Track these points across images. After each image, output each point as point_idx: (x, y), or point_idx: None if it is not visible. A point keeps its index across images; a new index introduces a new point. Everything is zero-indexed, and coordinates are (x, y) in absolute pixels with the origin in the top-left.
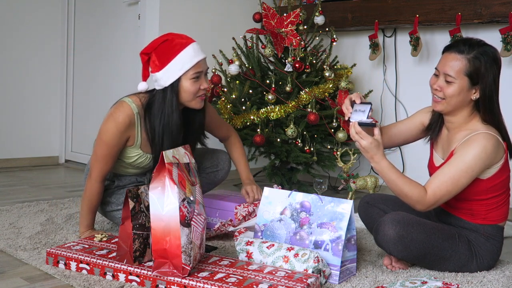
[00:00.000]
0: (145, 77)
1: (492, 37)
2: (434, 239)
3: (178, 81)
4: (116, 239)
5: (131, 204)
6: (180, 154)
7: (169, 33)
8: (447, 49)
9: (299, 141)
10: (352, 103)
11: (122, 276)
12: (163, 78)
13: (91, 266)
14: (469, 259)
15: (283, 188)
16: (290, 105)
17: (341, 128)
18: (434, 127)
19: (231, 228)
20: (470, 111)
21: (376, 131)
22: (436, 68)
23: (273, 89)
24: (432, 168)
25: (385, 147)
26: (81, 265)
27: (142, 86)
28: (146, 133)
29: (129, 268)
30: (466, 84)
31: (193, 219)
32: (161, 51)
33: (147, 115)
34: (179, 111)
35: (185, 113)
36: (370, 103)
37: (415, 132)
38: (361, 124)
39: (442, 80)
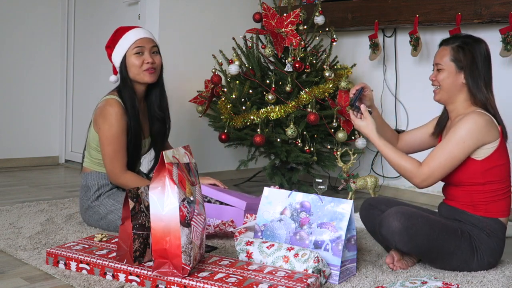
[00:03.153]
0: (115, 70)
1: (492, 37)
2: (438, 233)
3: (124, 58)
4: (116, 239)
5: (131, 204)
6: (180, 154)
7: (119, 27)
8: (440, 45)
9: (299, 141)
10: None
11: (122, 276)
12: (115, 60)
13: (91, 266)
14: (470, 255)
15: (283, 188)
16: (290, 105)
17: (341, 128)
18: (442, 123)
19: (230, 229)
20: (465, 98)
21: (365, 113)
22: (432, 65)
23: (273, 89)
24: None
25: (406, 153)
26: (81, 265)
27: (113, 78)
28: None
29: (129, 268)
30: (453, 68)
31: (193, 219)
32: (112, 37)
33: (120, 94)
34: (132, 84)
35: (145, 93)
36: (361, 88)
37: (429, 137)
38: (352, 107)
39: (435, 71)
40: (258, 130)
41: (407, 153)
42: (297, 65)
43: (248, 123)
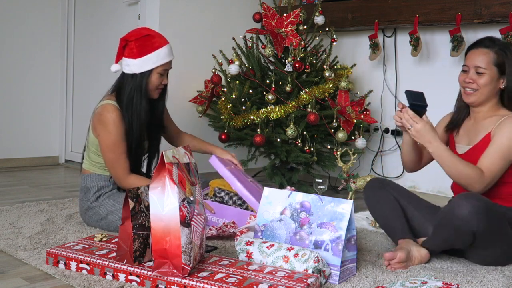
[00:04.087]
0: (118, 59)
1: None
2: (504, 219)
3: (150, 71)
4: (116, 239)
5: (131, 204)
6: (180, 154)
7: (149, 28)
8: (472, 47)
9: (299, 141)
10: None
11: (122, 276)
12: (138, 65)
13: (91, 266)
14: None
15: (283, 188)
16: (290, 105)
17: (341, 128)
18: (456, 122)
19: (232, 230)
20: (496, 101)
21: (424, 116)
22: (464, 65)
23: (273, 89)
24: None
25: (423, 164)
26: (81, 265)
27: (115, 67)
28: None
29: (129, 268)
30: (495, 73)
31: (193, 219)
32: (142, 42)
33: (118, 99)
34: (147, 98)
35: (149, 102)
36: (421, 92)
37: (445, 139)
38: (413, 107)
39: (473, 73)
40: (258, 130)
41: (428, 162)
42: (297, 65)
43: (248, 123)
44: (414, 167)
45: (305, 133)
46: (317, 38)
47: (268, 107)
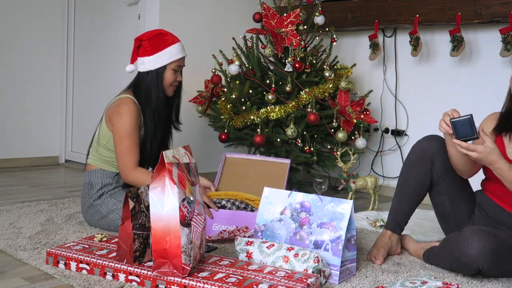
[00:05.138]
0: (133, 60)
1: (492, 37)
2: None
3: (164, 67)
4: (116, 239)
5: (131, 204)
6: (180, 154)
7: (162, 29)
8: None
9: (299, 141)
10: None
11: (122, 276)
12: (152, 62)
13: (91, 266)
14: None
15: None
16: (290, 105)
17: (341, 128)
18: (506, 123)
19: (243, 235)
20: None
21: (486, 137)
22: None
23: (273, 89)
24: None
25: (473, 172)
26: (81, 265)
27: (130, 67)
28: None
29: (129, 268)
30: None
31: (193, 219)
32: (155, 40)
33: (136, 95)
34: (163, 92)
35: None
36: (470, 115)
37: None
38: (463, 139)
39: None
40: (258, 130)
41: (479, 169)
42: (297, 65)
43: (248, 123)
44: (469, 171)
45: (305, 133)
46: (317, 38)
47: (268, 107)
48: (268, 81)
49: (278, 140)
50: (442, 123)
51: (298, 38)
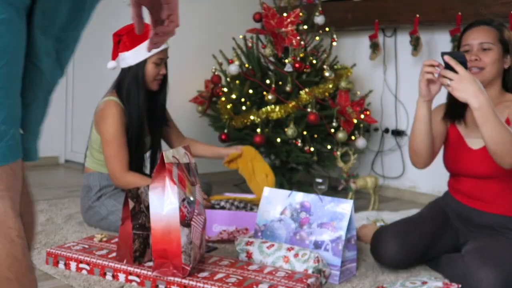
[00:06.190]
0: (114, 56)
1: None
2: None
3: (144, 62)
4: (116, 239)
5: (131, 204)
6: (180, 154)
7: None
8: (471, 26)
9: (299, 141)
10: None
11: (122, 276)
12: (132, 57)
13: (91, 266)
14: None
15: (283, 188)
16: (290, 105)
17: (341, 128)
18: (460, 111)
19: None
20: (500, 84)
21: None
22: (466, 44)
23: (273, 89)
24: (467, 154)
25: (435, 154)
26: (81, 265)
27: (111, 64)
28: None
29: (129, 268)
30: (501, 50)
31: (193, 219)
32: (133, 34)
33: (120, 94)
34: (145, 89)
35: (148, 96)
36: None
37: (441, 126)
38: (451, 56)
39: (479, 50)
40: (258, 130)
41: (435, 155)
42: (297, 65)
43: (248, 123)
44: (428, 158)
45: (305, 133)
46: (317, 38)
47: (268, 107)
48: (268, 81)
49: (278, 140)
50: (426, 68)
51: (298, 38)
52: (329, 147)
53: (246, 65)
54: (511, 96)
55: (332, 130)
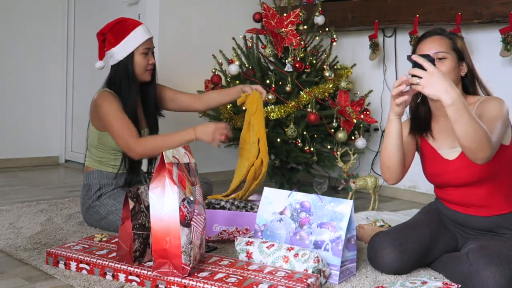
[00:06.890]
0: (101, 56)
1: (492, 37)
2: None
3: (132, 54)
4: (116, 239)
5: (131, 204)
6: (180, 154)
7: (121, 17)
8: (424, 37)
9: (299, 141)
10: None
11: (122, 276)
12: (119, 52)
13: (91, 266)
14: None
15: (283, 188)
16: (290, 105)
17: (341, 128)
18: (425, 124)
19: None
20: (461, 90)
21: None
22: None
23: (273, 89)
24: (445, 166)
25: (407, 168)
26: (81, 265)
27: (99, 64)
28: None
29: (129, 268)
30: (456, 58)
31: (193, 219)
32: (116, 30)
33: (112, 88)
34: (136, 82)
35: (140, 88)
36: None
37: (410, 140)
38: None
39: (435, 60)
40: None
41: (408, 168)
42: (297, 65)
43: None
44: (400, 173)
45: (305, 133)
46: (317, 38)
47: (268, 107)
48: (268, 81)
49: (278, 140)
50: (395, 82)
51: (298, 38)
52: (329, 147)
53: (246, 65)
54: (473, 98)
55: (332, 130)
